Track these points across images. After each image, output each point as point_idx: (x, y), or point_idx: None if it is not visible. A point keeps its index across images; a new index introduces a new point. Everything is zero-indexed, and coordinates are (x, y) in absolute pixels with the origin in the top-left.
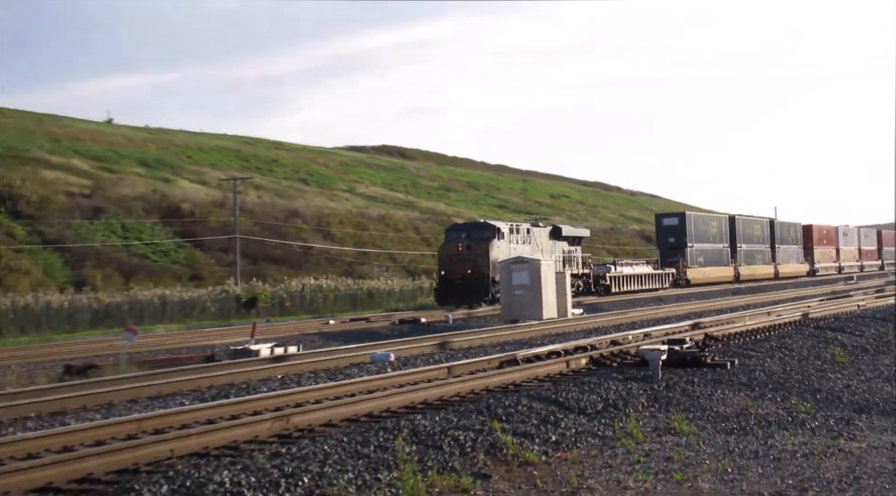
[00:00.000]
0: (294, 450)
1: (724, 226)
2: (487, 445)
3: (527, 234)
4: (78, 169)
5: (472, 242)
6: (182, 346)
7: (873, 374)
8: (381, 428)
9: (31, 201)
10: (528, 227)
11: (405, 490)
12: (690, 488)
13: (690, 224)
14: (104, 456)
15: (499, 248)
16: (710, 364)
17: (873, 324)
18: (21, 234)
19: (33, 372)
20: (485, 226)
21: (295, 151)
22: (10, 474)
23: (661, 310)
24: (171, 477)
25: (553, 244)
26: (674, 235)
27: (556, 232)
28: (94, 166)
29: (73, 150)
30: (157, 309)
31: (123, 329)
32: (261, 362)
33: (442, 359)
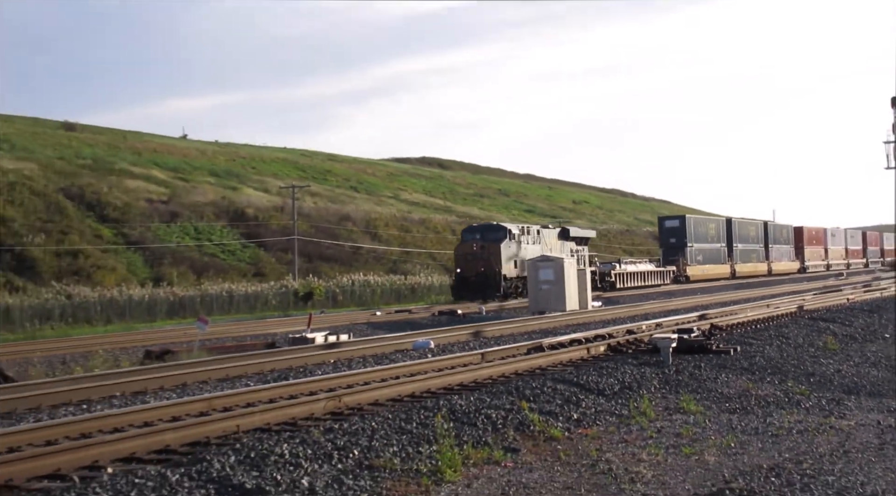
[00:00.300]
0: (345, 426)
1: (721, 227)
2: (517, 422)
3: (536, 235)
4: (157, 179)
5: (486, 242)
6: (247, 334)
7: (861, 360)
8: (422, 407)
9: (116, 207)
10: (537, 229)
11: (443, 461)
12: (697, 461)
13: (690, 226)
14: (179, 430)
15: (510, 247)
16: (715, 351)
17: (861, 316)
18: (108, 235)
19: (118, 356)
20: (497, 227)
21: (346, 163)
22: (100, 445)
23: (671, 303)
24: (238, 449)
25: (562, 244)
26: (675, 236)
27: (565, 233)
28: (170, 176)
29: (152, 162)
30: (224, 301)
31: (196, 319)
32: (316, 349)
33: (476, 346)
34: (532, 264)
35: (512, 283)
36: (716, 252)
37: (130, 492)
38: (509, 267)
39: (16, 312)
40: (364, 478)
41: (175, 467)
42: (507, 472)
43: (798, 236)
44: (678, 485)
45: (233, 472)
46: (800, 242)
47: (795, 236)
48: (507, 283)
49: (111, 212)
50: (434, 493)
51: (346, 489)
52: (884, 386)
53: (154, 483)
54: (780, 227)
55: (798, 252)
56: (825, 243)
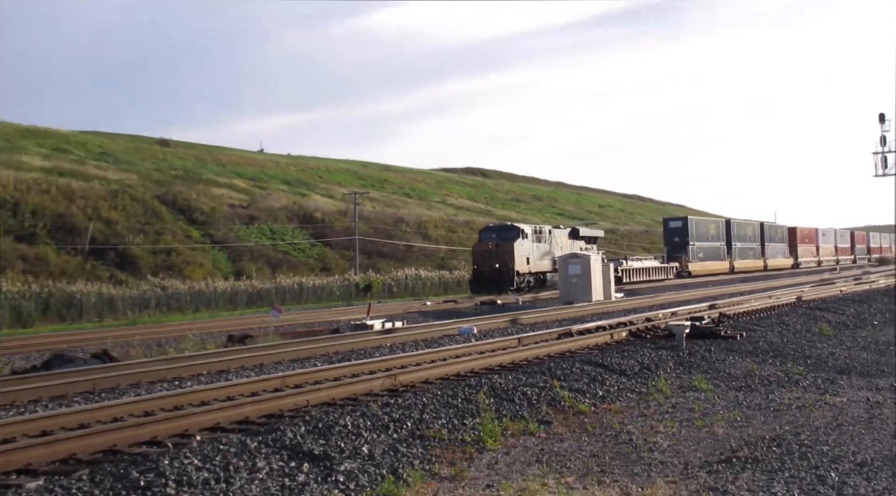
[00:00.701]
0: (400, 401)
1: (721, 227)
2: (549, 398)
3: (548, 235)
4: (237, 187)
5: (500, 241)
6: (315, 321)
7: (853, 344)
8: (466, 385)
9: (203, 211)
10: (549, 229)
11: (485, 432)
12: (708, 432)
13: (692, 226)
14: (257, 404)
15: (522, 245)
16: (723, 336)
17: (853, 305)
18: (196, 236)
19: (205, 340)
20: (511, 227)
21: (400, 172)
22: (190, 416)
23: (684, 294)
24: (308, 420)
25: (572, 243)
26: (678, 235)
27: (575, 233)
28: (249, 185)
29: (234, 173)
30: (296, 293)
31: (271, 308)
32: (374, 334)
33: (513, 331)
34: (562, 260)
35: (524, 278)
36: (716, 250)
37: (216, 457)
38: (522, 263)
39: (119, 302)
40: (416, 447)
41: (253, 435)
42: (541, 442)
43: (792, 235)
44: (691, 454)
45: (303, 440)
46: (793, 241)
47: (790, 235)
48: (520, 278)
49: (199, 215)
50: (477, 460)
51: (401, 456)
52: (872, 367)
53: (236, 449)
54: (775, 226)
55: (792, 250)
56: (817, 241)
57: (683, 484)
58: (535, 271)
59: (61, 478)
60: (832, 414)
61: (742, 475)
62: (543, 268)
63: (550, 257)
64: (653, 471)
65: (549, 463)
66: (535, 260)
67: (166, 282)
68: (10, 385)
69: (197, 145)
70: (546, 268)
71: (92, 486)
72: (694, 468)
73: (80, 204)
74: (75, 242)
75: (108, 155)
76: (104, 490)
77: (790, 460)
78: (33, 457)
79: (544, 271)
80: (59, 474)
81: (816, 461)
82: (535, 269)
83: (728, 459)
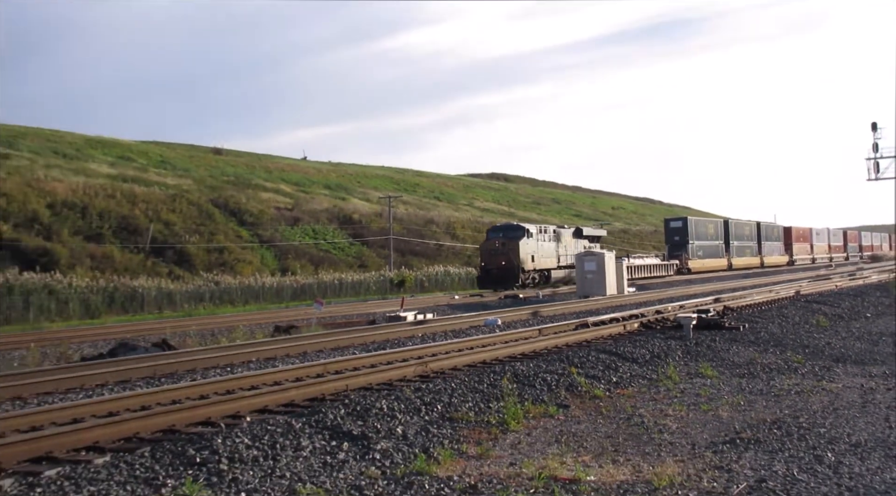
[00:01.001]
0: (430, 386)
1: (719, 227)
2: (567, 384)
3: (553, 234)
4: (283, 191)
5: (507, 240)
6: (353, 313)
7: (847, 335)
8: (491, 371)
9: (252, 213)
10: (553, 228)
11: (509, 415)
12: (713, 415)
13: (691, 225)
14: (301, 388)
15: (528, 244)
16: (728, 327)
17: (847, 299)
18: (246, 236)
19: (254, 330)
20: (517, 227)
21: (430, 178)
22: (240, 399)
23: (691, 289)
24: (347, 403)
25: (576, 241)
26: (679, 234)
27: (578, 232)
28: (294, 189)
29: (280, 179)
30: (336, 287)
31: (314, 301)
32: (407, 325)
33: (534, 323)
34: (579, 258)
35: (529, 275)
36: (715, 248)
37: (264, 437)
38: (527, 261)
39: (176, 295)
40: (446, 427)
41: (298, 417)
42: (560, 424)
43: (787, 234)
44: (698, 435)
45: (343, 422)
46: (789, 239)
47: (785, 234)
48: (525, 275)
49: (248, 217)
50: (501, 440)
51: (432, 436)
52: (866, 356)
53: (282, 429)
54: (771, 226)
55: (787, 248)
56: (811, 240)
57: (691, 463)
58: (540, 268)
59: (126, 455)
60: (828, 399)
61: (745, 455)
62: (548, 265)
63: (555, 255)
64: (662, 451)
65: (568, 443)
66: (540, 258)
67: (219, 278)
68: (79, 370)
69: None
70: (551, 265)
71: (153, 462)
72: (701, 448)
73: (141, 207)
74: (137, 242)
75: (167, 163)
76: (164, 466)
77: (790, 441)
78: (100, 436)
79: (549, 268)
80: (123, 451)
81: (814, 442)
82: (539, 267)
83: (732, 440)
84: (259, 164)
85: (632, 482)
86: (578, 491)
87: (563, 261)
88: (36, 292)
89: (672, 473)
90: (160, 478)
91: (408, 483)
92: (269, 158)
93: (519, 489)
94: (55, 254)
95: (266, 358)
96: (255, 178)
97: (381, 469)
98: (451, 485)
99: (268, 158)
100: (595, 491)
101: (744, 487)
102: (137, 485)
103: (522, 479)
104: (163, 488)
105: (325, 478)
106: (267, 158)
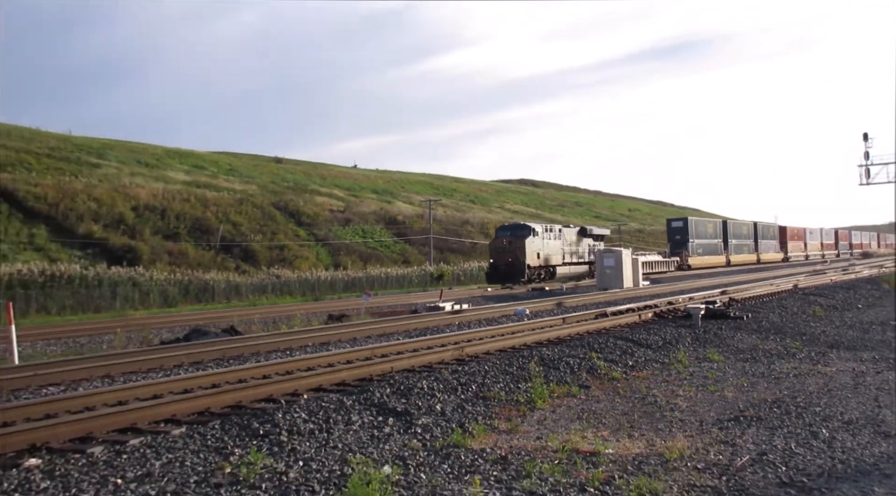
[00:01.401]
0: (466, 369)
1: (718, 226)
2: (588, 367)
3: (559, 233)
4: (336, 196)
5: (514, 238)
6: (397, 304)
7: (841, 324)
8: (520, 355)
9: (309, 215)
10: (559, 228)
11: (535, 394)
12: (719, 396)
13: (692, 225)
14: (351, 370)
15: (534, 242)
16: (733, 317)
17: (841, 292)
18: (303, 235)
19: (310, 318)
20: (523, 226)
21: (466, 183)
22: (298, 379)
23: (699, 282)
24: (392, 383)
25: (581, 240)
26: (679, 234)
27: (584, 231)
28: (345, 194)
29: (333, 184)
30: (382, 281)
31: (363, 293)
32: (445, 314)
33: (558, 312)
34: (598, 254)
35: (535, 272)
36: (714, 246)
37: (319, 412)
38: (533, 258)
39: (242, 287)
40: (479, 405)
41: (349, 395)
42: (581, 402)
43: (783, 233)
44: (705, 413)
45: (388, 400)
46: (784, 238)
47: (780, 233)
48: (531, 271)
49: (305, 218)
50: (529, 416)
51: (467, 412)
52: (857, 342)
53: (335, 406)
54: (768, 225)
55: (782, 245)
56: (805, 239)
57: (699, 437)
58: (546, 265)
59: (199, 427)
60: (823, 381)
61: (748, 431)
62: (554, 261)
63: (560, 252)
64: (673, 427)
65: (588, 419)
66: (546, 255)
67: (279, 272)
68: (158, 353)
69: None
70: (556, 261)
71: (222, 433)
72: (708, 425)
73: (212, 209)
74: (209, 240)
75: (234, 171)
76: (232, 437)
77: (788, 419)
78: (177, 410)
79: (554, 264)
80: (197, 423)
81: (810, 420)
82: (545, 263)
83: (736, 418)
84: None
85: (646, 455)
86: (598, 462)
87: (568, 259)
88: (122, 284)
89: (682, 447)
90: (229, 448)
91: (446, 454)
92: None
93: (545, 460)
94: (138, 251)
95: (320, 342)
96: (311, 184)
97: (422, 441)
98: (484, 457)
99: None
100: (613, 462)
101: (746, 460)
102: (209, 454)
103: (548, 452)
104: (231, 456)
105: (373, 449)
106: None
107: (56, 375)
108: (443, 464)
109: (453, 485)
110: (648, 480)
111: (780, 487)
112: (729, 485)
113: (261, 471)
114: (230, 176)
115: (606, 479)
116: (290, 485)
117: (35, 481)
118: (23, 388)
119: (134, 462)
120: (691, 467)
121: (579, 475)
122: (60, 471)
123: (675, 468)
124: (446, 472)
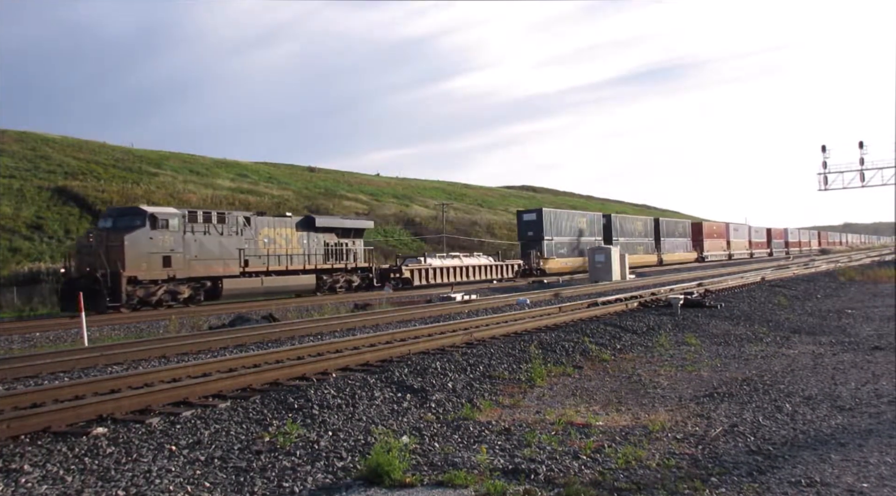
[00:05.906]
0: (474, 351)
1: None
2: (581, 350)
3: (239, 223)
4: (361, 200)
5: (112, 233)
6: (414, 294)
7: (802, 312)
8: (521, 340)
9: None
10: (243, 216)
11: (535, 374)
12: (696, 375)
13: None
14: (374, 352)
15: (152, 240)
16: (708, 306)
17: (802, 284)
18: None
19: (338, 307)
20: (138, 212)
21: (475, 189)
22: (327, 360)
23: (679, 275)
24: (409, 364)
25: (301, 235)
26: (532, 229)
27: (308, 223)
28: (369, 199)
29: (358, 190)
30: None
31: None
32: (456, 303)
33: (555, 302)
34: (590, 251)
35: (151, 291)
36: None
37: (346, 389)
38: (140, 266)
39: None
40: (486, 383)
41: (372, 374)
42: (575, 381)
43: (696, 230)
44: (684, 390)
45: (406, 378)
46: (699, 236)
47: (694, 231)
48: (139, 289)
49: None
50: (529, 393)
51: (475, 389)
52: (816, 328)
53: (360, 383)
54: (675, 222)
55: (696, 244)
56: (727, 236)
57: (678, 411)
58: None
59: (242, 401)
60: (787, 362)
61: (721, 405)
62: (216, 269)
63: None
64: (656, 402)
65: (581, 396)
66: (189, 259)
67: None
68: (207, 337)
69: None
70: (219, 269)
71: (262, 407)
72: (686, 400)
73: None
74: None
75: (273, 178)
76: (271, 410)
77: (756, 395)
78: (223, 387)
79: (216, 275)
80: (240, 398)
81: (775, 396)
82: (192, 274)
83: (711, 394)
84: (343, 179)
85: (632, 426)
86: (590, 433)
87: (257, 264)
88: None
89: (663, 420)
90: (267, 419)
91: (456, 426)
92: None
93: (543, 432)
94: None
95: (347, 328)
96: (339, 189)
97: (435, 415)
98: (490, 428)
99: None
100: (603, 433)
101: (720, 430)
102: (251, 425)
103: (546, 424)
104: (269, 427)
105: (393, 421)
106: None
107: (119, 356)
108: (454, 435)
109: (463, 453)
110: (634, 449)
111: (749, 455)
112: (704, 452)
113: (295, 440)
114: (269, 183)
115: (597, 448)
116: (320, 452)
117: (102, 447)
118: (91, 367)
119: (186, 431)
120: (671, 437)
121: (573, 444)
122: (123, 439)
123: (657, 438)
124: (457, 442)
